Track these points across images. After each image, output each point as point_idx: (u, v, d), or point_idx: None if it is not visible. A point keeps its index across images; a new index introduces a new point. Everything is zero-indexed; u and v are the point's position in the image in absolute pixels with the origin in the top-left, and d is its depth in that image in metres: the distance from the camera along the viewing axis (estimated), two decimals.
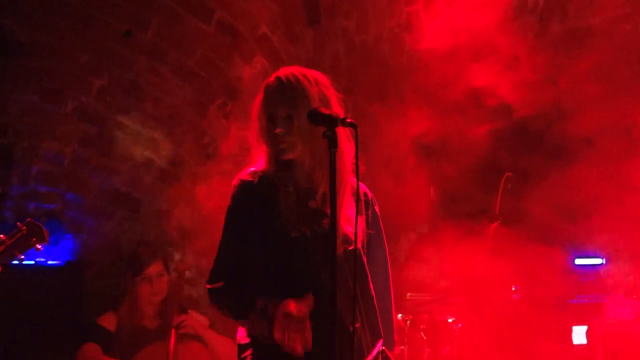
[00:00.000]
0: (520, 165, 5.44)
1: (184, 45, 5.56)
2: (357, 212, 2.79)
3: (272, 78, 3.02)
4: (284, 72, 3.01)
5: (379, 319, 3.06)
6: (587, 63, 5.01)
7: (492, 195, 5.27)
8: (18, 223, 3.73)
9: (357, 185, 2.77)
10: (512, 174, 5.25)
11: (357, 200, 2.82)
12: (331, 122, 2.69)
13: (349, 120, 2.69)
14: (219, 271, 2.93)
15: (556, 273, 5.00)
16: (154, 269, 5.14)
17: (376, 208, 3.17)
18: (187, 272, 5.59)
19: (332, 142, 2.68)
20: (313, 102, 2.92)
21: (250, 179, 3.00)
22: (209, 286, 2.97)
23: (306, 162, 2.99)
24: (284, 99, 2.95)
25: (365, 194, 3.12)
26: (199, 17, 5.46)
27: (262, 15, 5.60)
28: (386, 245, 3.19)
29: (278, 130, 2.94)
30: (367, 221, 3.10)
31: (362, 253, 3.03)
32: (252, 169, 3.04)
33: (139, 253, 5.20)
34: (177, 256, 5.95)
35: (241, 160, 3.16)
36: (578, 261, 5.20)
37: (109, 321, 5.09)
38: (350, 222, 2.95)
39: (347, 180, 2.99)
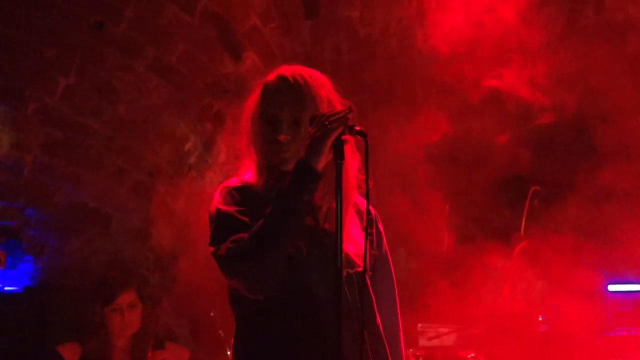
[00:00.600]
0: (547, 178, 5.57)
1: (163, 39, 5.52)
2: (367, 233, 2.83)
3: (272, 77, 3.04)
4: (288, 71, 3.03)
5: (388, 354, 3.08)
6: (624, 60, 5.13)
7: (516, 213, 5.44)
8: None
9: (368, 200, 2.81)
10: (540, 188, 5.45)
11: (368, 218, 2.84)
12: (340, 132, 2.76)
13: (357, 128, 2.75)
14: (223, 233, 2.91)
15: (589, 301, 5.06)
16: (126, 298, 5.14)
17: (380, 226, 3.19)
18: (164, 299, 5.65)
19: (339, 153, 2.72)
20: (322, 107, 2.96)
21: (235, 188, 3.03)
22: (214, 249, 2.93)
23: None
24: (291, 101, 2.97)
25: (369, 210, 3.06)
26: (181, 7, 5.43)
27: (253, 5, 5.61)
28: (392, 268, 3.21)
29: (282, 137, 2.96)
30: (371, 241, 3.12)
31: (367, 277, 3.02)
32: (241, 179, 3.07)
33: (109, 278, 5.20)
34: (153, 280, 5.96)
35: (229, 170, 3.19)
36: (612, 287, 5.26)
37: (71, 351, 5.06)
38: (353, 242, 2.99)
39: (352, 196, 3.05)
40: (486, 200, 5.69)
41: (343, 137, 2.76)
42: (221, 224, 2.96)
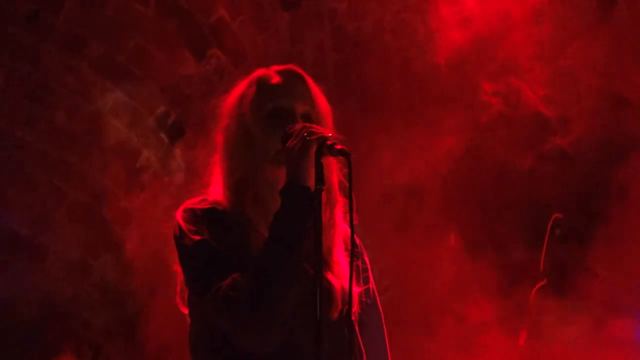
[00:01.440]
0: (572, 205, 5.59)
1: (111, 33, 5.57)
2: (352, 268, 2.84)
3: (265, 72, 3.15)
4: (286, 66, 3.16)
5: None
6: None
7: (534, 245, 5.46)
8: None
9: (352, 230, 2.86)
10: (562, 216, 5.49)
11: (353, 250, 2.88)
12: (318, 148, 2.85)
13: (338, 147, 2.81)
14: (206, 271, 2.93)
15: (625, 356, 5.14)
16: None
17: (366, 257, 3.25)
18: (111, 348, 5.68)
19: (319, 177, 2.81)
20: (326, 112, 3.11)
21: (204, 210, 3.04)
22: (200, 292, 2.95)
23: None
24: (303, 94, 3.08)
25: (353, 241, 3.11)
26: None
27: None
28: (381, 308, 3.24)
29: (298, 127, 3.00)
30: (357, 276, 3.16)
31: (354, 320, 3.08)
32: (208, 201, 3.08)
33: (43, 332, 5.24)
34: (97, 323, 5.88)
35: (191, 192, 3.17)
36: None
37: None
38: (341, 278, 3.05)
39: (339, 225, 3.11)
40: (498, 229, 5.71)
41: (322, 159, 2.83)
42: (201, 259, 2.97)
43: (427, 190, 5.81)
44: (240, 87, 3.13)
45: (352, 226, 2.83)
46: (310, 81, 3.10)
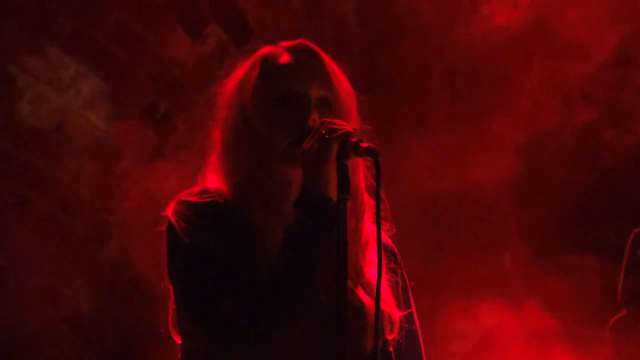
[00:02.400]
0: None
1: (85, 7, 5.49)
2: (378, 292, 2.75)
3: (273, 49, 3.11)
4: (297, 43, 3.14)
5: None
6: None
7: (611, 267, 5.42)
8: None
9: (379, 248, 2.75)
10: None
11: (380, 266, 2.77)
12: (340, 149, 2.82)
13: (364, 145, 2.77)
14: (207, 286, 2.90)
15: None
16: None
17: (405, 274, 3.24)
18: None
19: (342, 184, 2.77)
20: (348, 97, 3.09)
21: (204, 204, 3.01)
22: (187, 300, 2.97)
23: None
24: (318, 76, 3.04)
25: (394, 252, 3.23)
26: None
27: None
28: (421, 338, 3.22)
29: (314, 118, 2.97)
30: (395, 296, 3.16)
31: (390, 352, 3.09)
32: (208, 190, 3.05)
33: None
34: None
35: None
36: None
37: None
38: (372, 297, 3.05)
39: (367, 230, 3.11)
40: (563, 246, 5.63)
41: (346, 161, 2.78)
42: (197, 268, 2.95)
43: (475, 197, 5.82)
44: (242, 70, 3.13)
45: (379, 239, 2.76)
46: (327, 58, 3.07)
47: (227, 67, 3.12)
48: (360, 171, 3.06)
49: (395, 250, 3.27)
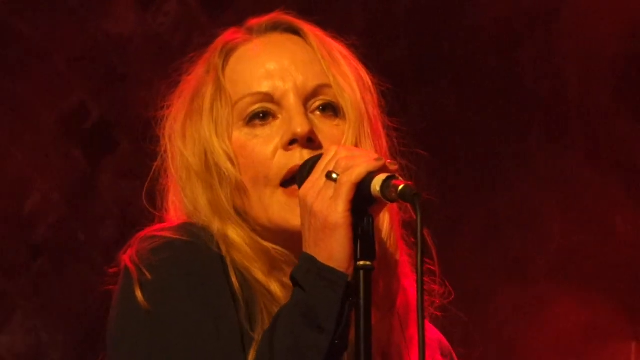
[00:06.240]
0: None
1: None
2: None
3: (235, 35, 2.56)
4: (273, 15, 2.64)
5: None
6: None
7: None
8: None
9: (421, 324, 2.27)
10: None
11: (422, 352, 2.27)
12: (361, 198, 2.31)
13: (399, 184, 2.27)
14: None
15: None
16: None
17: None
18: None
19: (366, 249, 2.33)
20: (361, 92, 2.56)
21: (187, 243, 2.46)
22: None
23: None
24: (306, 63, 2.54)
25: (441, 343, 2.71)
26: None
27: None
28: None
29: (300, 146, 2.49)
30: None
31: None
32: (184, 226, 2.50)
33: None
34: None
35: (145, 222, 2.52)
36: None
37: None
38: None
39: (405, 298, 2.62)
40: None
41: (370, 209, 2.29)
42: (170, 343, 2.43)
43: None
44: (197, 72, 2.58)
45: (420, 315, 2.21)
46: (320, 35, 2.57)
47: (194, 46, 2.46)
48: (394, 219, 2.48)
49: (443, 339, 2.71)
